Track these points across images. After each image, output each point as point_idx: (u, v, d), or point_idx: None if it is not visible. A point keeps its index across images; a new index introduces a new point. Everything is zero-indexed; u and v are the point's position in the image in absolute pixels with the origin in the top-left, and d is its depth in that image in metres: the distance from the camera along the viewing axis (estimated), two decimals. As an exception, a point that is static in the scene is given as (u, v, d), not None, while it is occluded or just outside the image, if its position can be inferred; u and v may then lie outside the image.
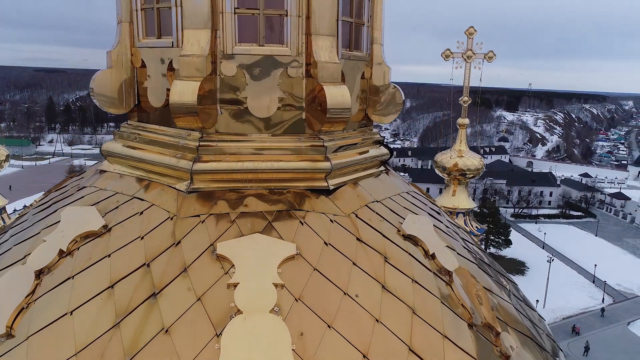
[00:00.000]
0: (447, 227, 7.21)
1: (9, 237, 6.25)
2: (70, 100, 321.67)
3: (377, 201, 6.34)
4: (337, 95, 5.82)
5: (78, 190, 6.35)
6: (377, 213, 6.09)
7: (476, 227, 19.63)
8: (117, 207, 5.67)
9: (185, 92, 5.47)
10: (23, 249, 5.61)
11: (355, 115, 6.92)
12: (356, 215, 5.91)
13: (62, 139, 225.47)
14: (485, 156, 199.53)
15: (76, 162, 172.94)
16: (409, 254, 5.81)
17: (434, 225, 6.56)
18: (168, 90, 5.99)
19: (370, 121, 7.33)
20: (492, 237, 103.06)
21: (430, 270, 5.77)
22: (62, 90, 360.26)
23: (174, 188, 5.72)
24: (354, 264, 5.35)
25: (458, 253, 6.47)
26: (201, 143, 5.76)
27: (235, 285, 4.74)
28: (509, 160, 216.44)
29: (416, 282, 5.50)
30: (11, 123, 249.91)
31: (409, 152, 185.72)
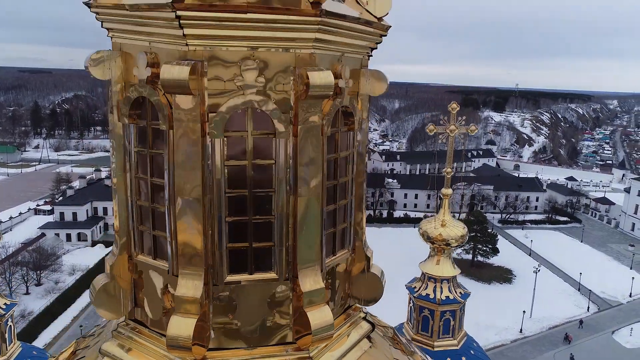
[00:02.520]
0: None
1: None
2: (56, 102, 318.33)
3: (360, 400, 6.82)
4: (321, 319, 6.29)
5: (80, 394, 6.74)
6: (359, 420, 6.58)
7: (460, 292, 20.27)
8: None
9: (181, 329, 5.90)
10: None
11: (340, 297, 7.39)
12: None
13: (48, 145, 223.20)
14: (473, 159, 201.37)
15: (63, 169, 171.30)
16: None
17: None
18: (164, 309, 6.43)
19: (354, 299, 7.80)
20: (479, 246, 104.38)
21: None
22: (47, 92, 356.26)
23: (170, 411, 6.16)
24: None
25: None
26: (195, 364, 6.20)
27: None
28: (496, 163, 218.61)
29: None
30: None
31: (398, 157, 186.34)
